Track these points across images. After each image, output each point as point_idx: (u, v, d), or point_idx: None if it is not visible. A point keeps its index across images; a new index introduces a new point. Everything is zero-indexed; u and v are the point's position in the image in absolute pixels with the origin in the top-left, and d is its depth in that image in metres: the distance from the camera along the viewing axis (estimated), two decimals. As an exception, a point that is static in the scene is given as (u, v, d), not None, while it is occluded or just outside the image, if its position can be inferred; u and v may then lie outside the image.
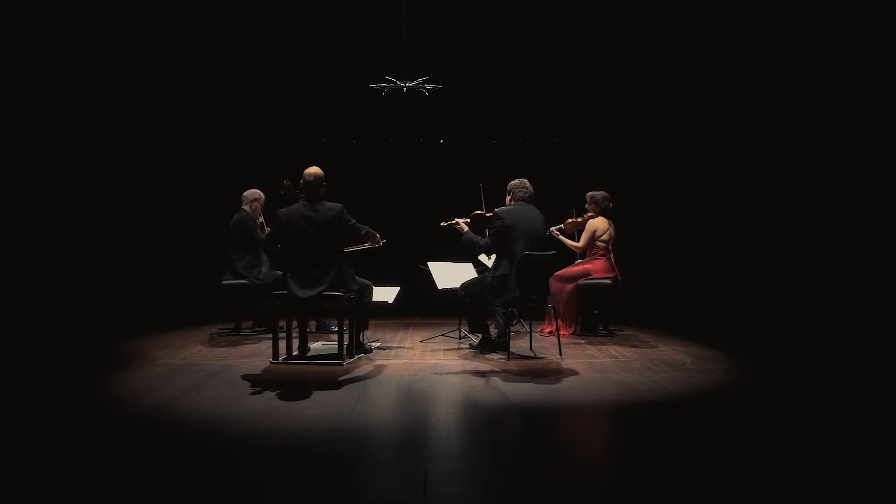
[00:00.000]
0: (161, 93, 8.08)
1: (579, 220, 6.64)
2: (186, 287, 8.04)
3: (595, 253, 6.50)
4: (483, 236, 5.57)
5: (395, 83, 7.08)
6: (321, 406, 3.83)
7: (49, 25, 7.21)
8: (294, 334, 5.25)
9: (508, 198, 5.62)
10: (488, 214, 5.48)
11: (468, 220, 5.63)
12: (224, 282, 6.41)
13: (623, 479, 2.81)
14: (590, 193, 6.63)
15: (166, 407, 3.83)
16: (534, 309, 5.79)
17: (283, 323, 5.30)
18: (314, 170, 5.08)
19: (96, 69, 7.72)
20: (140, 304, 7.85)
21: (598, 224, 6.51)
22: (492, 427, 3.55)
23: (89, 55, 7.63)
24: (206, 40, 7.97)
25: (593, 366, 5.01)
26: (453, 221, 5.79)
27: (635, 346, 5.89)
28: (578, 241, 6.63)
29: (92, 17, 7.50)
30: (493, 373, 4.76)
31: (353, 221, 5.06)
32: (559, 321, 6.23)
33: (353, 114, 8.43)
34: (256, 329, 6.58)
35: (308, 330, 5.41)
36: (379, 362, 5.14)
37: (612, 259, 6.50)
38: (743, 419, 3.68)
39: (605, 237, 6.49)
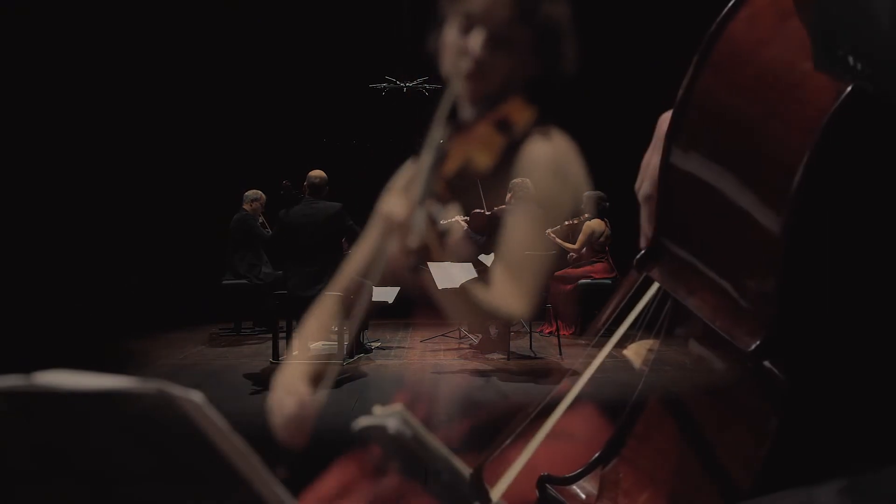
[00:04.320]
0: (161, 93, 8.09)
1: (575, 221, 6.60)
2: (186, 287, 8.04)
3: (594, 255, 6.48)
4: (482, 236, 5.57)
5: (395, 83, 7.08)
6: (321, 406, 3.83)
7: (49, 25, 7.22)
8: (294, 334, 5.26)
9: (509, 195, 5.58)
10: (487, 213, 5.49)
11: (468, 219, 5.64)
12: (224, 282, 6.41)
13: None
14: (584, 194, 6.60)
15: (166, 407, 3.83)
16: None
17: (283, 323, 5.30)
18: (319, 172, 5.12)
19: (96, 69, 7.73)
20: (140, 304, 7.86)
21: (595, 226, 6.45)
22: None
23: (89, 55, 7.64)
24: (205, 40, 7.97)
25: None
26: (453, 220, 5.80)
27: (635, 346, 5.89)
28: (575, 244, 6.59)
29: (92, 17, 7.51)
30: (493, 373, 4.76)
31: (352, 222, 5.07)
32: (559, 321, 6.23)
33: (353, 114, 8.44)
34: (256, 329, 6.58)
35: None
36: (379, 362, 5.14)
37: (611, 259, 6.49)
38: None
39: (602, 238, 6.46)
